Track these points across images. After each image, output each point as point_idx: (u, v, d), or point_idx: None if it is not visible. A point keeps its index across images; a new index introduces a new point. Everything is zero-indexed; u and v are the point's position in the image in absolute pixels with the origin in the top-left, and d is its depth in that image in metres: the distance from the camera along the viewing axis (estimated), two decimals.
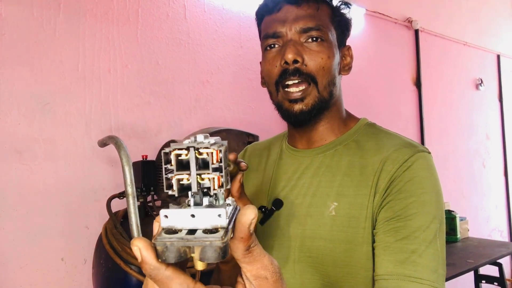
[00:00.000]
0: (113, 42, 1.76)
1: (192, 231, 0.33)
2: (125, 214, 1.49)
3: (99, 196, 1.68)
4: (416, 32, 3.17)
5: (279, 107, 0.79)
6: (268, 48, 0.78)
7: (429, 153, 0.75)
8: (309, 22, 0.75)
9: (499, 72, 4.01)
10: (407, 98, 3.14)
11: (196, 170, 0.34)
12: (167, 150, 0.35)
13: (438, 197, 0.71)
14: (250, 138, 1.73)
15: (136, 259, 1.40)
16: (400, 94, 3.08)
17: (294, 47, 0.74)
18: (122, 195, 1.49)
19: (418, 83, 3.18)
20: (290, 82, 0.75)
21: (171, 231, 0.33)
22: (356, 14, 2.69)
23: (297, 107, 0.76)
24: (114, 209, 1.53)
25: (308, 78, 0.75)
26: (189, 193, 0.35)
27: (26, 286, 1.52)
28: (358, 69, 2.76)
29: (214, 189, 0.34)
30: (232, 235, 0.34)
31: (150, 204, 1.57)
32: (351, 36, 0.86)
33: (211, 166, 0.34)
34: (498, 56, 4.00)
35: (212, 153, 0.34)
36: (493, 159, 3.90)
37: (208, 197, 0.35)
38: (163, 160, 0.35)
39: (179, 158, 0.35)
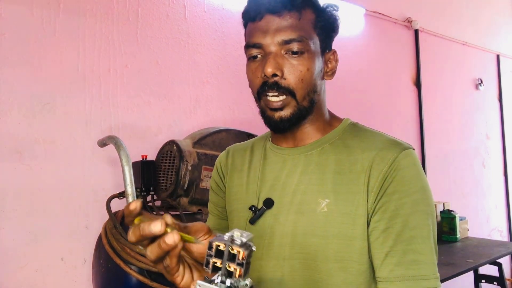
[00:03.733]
0: (113, 42, 1.76)
1: None
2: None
3: (99, 196, 1.68)
4: (416, 32, 3.17)
5: (262, 113, 0.82)
6: (252, 58, 0.81)
7: (413, 149, 0.78)
8: (290, 33, 0.76)
9: (498, 72, 4.01)
10: (407, 98, 3.14)
11: (227, 260, 0.49)
12: (212, 242, 0.50)
13: (427, 193, 0.75)
14: (250, 138, 1.73)
15: (135, 259, 1.39)
16: (400, 94, 3.08)
17: (274, 60, 0.76)
18: (122, 195, 1.49)
19: (418, 83, 3.18)
20: (270, 94, 0.78)
21: None
22: (356, 14, 2.69)
23: (277, 114, 0.78)
24: (114, 209, 1.53)
25: (287, 91, 0.77)
26: (216, 275, 0.49)
27: (26, 286, 1.52)
28: (358, 69, 2.77)
29: (235, 277, 0.49)
30: None
31: (150, 204, 1.57)
32: (350, 36, 0.86)
33: (236, 261, 0.49)
34: (498, 56, 4.00)
35: (239, 251, 0.49)
36: (493, 159, 3.90)
37: (230, 278, 0.49)
38: (207, 247, 0.50)
39: (218, 248, 0.50)
